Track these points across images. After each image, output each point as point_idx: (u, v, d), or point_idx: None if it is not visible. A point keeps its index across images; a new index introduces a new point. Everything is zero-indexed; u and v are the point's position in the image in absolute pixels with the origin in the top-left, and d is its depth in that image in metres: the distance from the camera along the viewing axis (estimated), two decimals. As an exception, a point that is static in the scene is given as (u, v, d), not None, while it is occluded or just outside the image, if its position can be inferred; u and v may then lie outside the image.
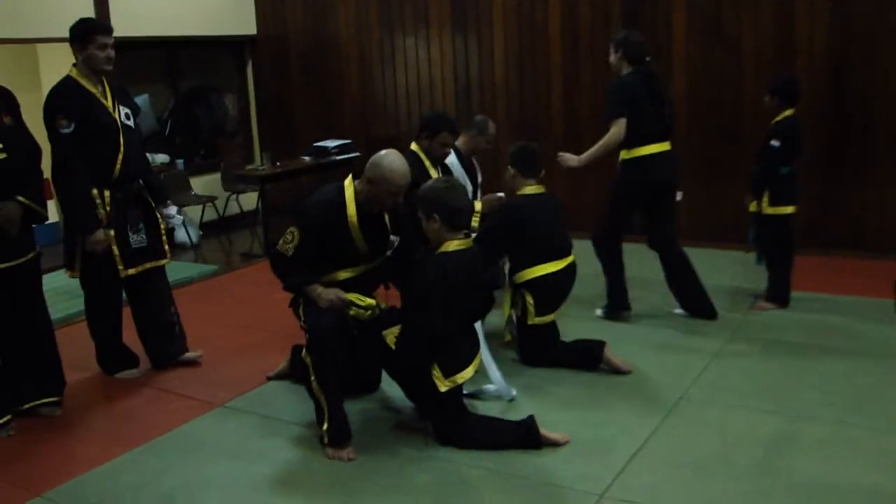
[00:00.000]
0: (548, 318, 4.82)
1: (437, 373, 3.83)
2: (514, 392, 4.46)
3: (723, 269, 6.63)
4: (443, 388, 3.84)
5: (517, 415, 4.07)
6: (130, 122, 4.84)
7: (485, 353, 4.32)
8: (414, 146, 5.21)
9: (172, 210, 5.17)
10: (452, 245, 3.84)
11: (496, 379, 4.45)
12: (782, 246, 5.65)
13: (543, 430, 3.90)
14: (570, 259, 4.87)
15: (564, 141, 7.87)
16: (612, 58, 5.36)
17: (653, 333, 5.39)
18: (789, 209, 5.57)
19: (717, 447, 3.86)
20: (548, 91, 8.14)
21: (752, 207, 5.64)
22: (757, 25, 7.14)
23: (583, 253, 5.22)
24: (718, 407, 4.30)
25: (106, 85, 4.76)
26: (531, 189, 4.86)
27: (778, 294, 5.75)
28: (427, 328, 3.77)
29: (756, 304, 5.83)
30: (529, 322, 4.79)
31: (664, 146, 5.34)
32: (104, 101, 4.70)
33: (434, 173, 5.10)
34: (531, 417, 3.94)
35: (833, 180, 6.94)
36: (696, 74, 7.44)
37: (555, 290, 4.84)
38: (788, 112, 5.48)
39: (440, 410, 3.95)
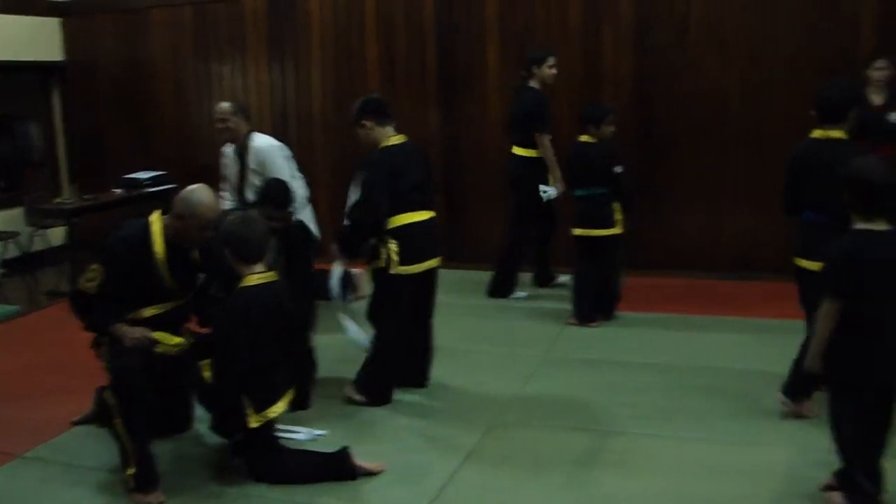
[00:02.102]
0: (412, 269, 4.60)
1: (248, 408, 3.76)
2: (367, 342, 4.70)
3: (548, 290, 6.86)
4: (254, 424, 3.77)
5: (331, 446, 4.03)
6: None
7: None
8: None
9: None
10: (253, 279, 3.79)
11: (352, 330, 4.64)
12: (579, 266, 5.98)
13: (358, 461, 3.89)
14: (433, 213, 4.76)
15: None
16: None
17: (468, 356, 5.47)
18: (586, 231, 5.90)
19: (530, 467, 3.95)
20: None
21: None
22: (567, 56, 7.41)
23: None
24: (532, 427, 4.41)
25: None
26: (395, 139, 4.70)
27: (579, 311, 6.01)
28: (234, 366, 3.70)
29: (568, 318, 6.09)
30: (392, 271, 4.58)
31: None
32: None
33: None
34: (345, 448, 3.92)
35: (641, 203, 7.23)
36: (509, 102, 7.63)
37: (421, 240, 4.66)
38: (584, 138, 5.91)
39: (252, 446, 3.88)
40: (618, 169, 5.86)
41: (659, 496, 3.66)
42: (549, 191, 6.46)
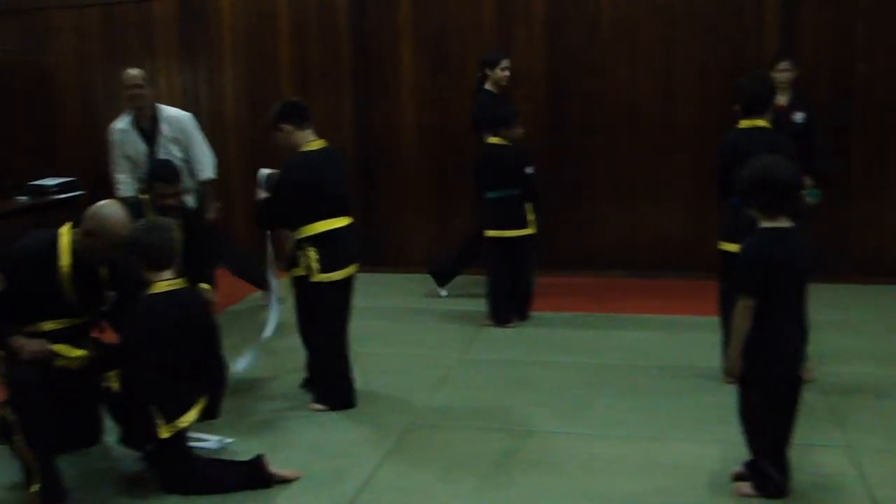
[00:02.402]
0: (333, 276, 4.54)
1: (158, 418, 3.67)
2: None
3: (465, 292, 6.86)
4: (165, 435, 3.68)
5: (246, 454, 3.97)
6: None
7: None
8: None
9: None
10: (162, 286, 3.70)
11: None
12: (493, 267, 6.01)
13: (273, 468, 3.83)
14: (351, 218, 4.70)
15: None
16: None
17: (384, 359, 5.44)
18: (500, 233, 5.93)
19: (446, 468, 3.95)
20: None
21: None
22: (480, 56, 7.44)
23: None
24: (448, 429, 4.41)
25: None
26: (315, 144, 4.62)
27: (495, 313, 6.04)
28: (142, 375, 3.61)
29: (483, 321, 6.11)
30: (313, 279, 4.52)
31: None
32: None
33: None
34: (259, 456, 3.86)
35: (555, 203, 7.31)
36: (424, 102, 7.66)
37: (341, 247, 4.60)
38: (494, 140, 5.94)
39: (163, 457, 3.78)
40: (529, 170, 5.93)
41: (575, 494, 3.68)
42: None
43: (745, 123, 4.63)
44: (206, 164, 6.17)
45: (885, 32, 6.82)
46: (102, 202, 3.85)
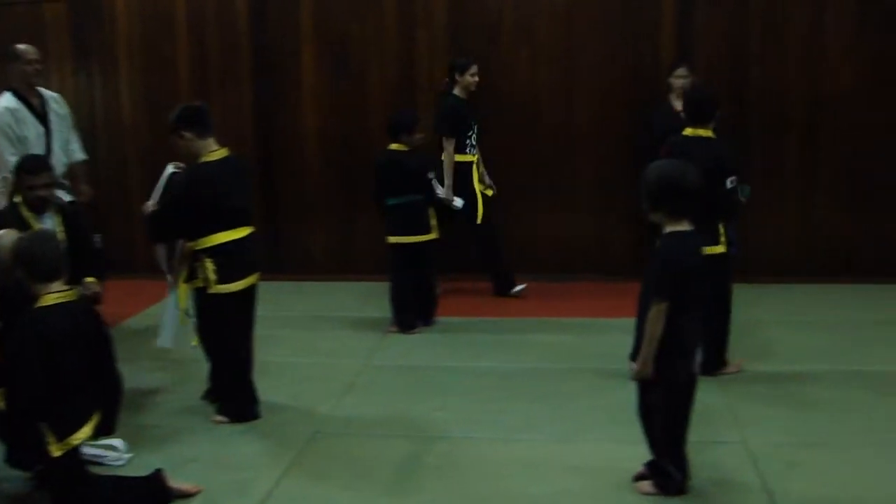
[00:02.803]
0: (231, 287, 4.46)
1: (48, 436, 3.52)
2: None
3: (369, 299, 6.79)
4: (56, 453, 3.53)
5: (144, 469, 3.85)
6: None
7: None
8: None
9: None
10: (51, 298, 3.56)
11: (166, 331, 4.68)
12: (397, 273, 5.99)
13: (173, 483, 3.73)
14: (251, 228, 4.61)
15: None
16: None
17: (289, 368, 5.36)
18: (403, 239, 5.91)
19: (351, 477, 3.91)
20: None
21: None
22: (382, 62, 7.44)
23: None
24: (353, 437, 4.37)
25: None
26: (216, 154, 4.49)
27: (399, 319, 6.03)
28: (29, 391, 3.46)
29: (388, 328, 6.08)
30: (211, 291, 4.44)
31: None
32: None
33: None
34: (158, 471, 3.75)
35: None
36: (326, 109, 7.59)
37: (239, 257, 4.51)
38: (395, 146, 5.94)
39: (56, 477, 3.64)
40: (431, 175, 5.94)
41: (481, 499, 3.69)
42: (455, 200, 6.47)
43: (688, 131, 4.87)
44: (79, 145, 6.24)
45: (778, 38, 7.05)
46: None
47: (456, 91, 6.67)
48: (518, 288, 6.85)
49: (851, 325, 6.01)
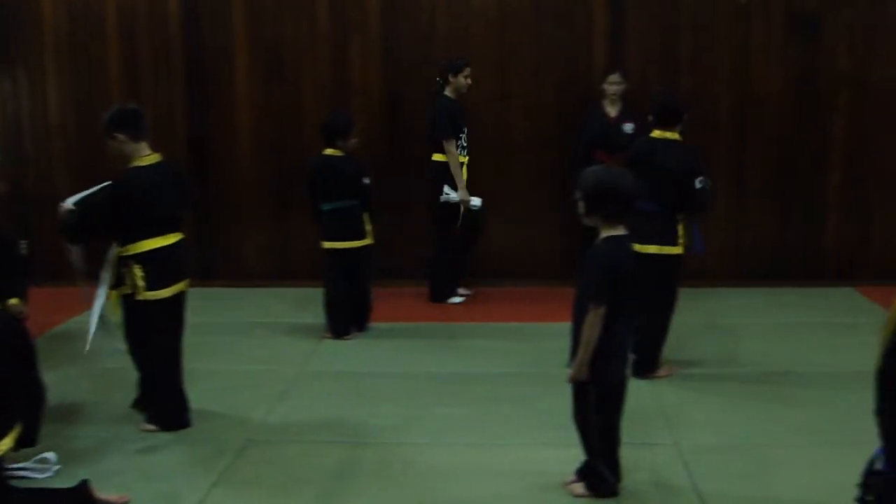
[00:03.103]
0: (159, 294, 4.38)
1: (-32, 449, 3.41)
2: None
3: (303, 305, 6.73)
4: (-23, 464, 3.43)
5: (71, 481, 3.75)
6: None
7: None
8: None
9: None
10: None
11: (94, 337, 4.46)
12: (331, 279, 5.95)
13: (100, 494, 3.64)
14: (181, 234, 4.54)
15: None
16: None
17: (221, 376, 5.29)
18: (338, 244, 5.89)
19: (283, 485, 3.87)
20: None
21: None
22: (316, 68, 7.39)
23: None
24: (286, 444, 4.33)
25: None
26: (149, 159, 4.41)
27: (333, 325, 5.99)
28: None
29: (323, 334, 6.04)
30: (139, 297, 4.36)
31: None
32: None
33: None
34: (84, 482, 3.65)
35: (392, 213, 7.28)
36: (259, 112, 7.52)
37: (168, 264, 4.44)
38: (330, 151, 5.89)
39: (-23, 488, 3.53)
40: (366, 180, 5.91)
41: (415, 502, 3.68)
42: (451, 194, 6.51)
43: (656, 134, 5.05)
44: None
45: (708, 46, 7.20)
46: None
47: (447, 92, 6.65)
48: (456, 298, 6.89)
49: (780, 328, 6.15)
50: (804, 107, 7.21)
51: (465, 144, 6.73)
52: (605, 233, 3.57)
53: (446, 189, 6.53)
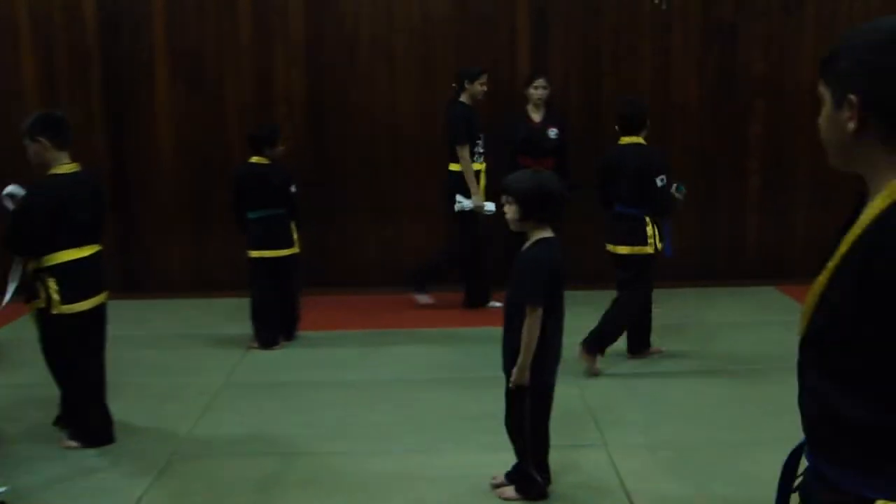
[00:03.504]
0: (75, 307, 4.25)
1: None
2: None
3: (229, 316, 6.61)
4: None
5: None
6: None
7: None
8: None
9: None
10: None
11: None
12: (257, 288, 5.88)
13: (19, 514, 3.54)
14: (99, 246, 4.42)
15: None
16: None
17: (146, 389, 5.19)
18: (265, 253, 5.81)
19: (210, 499, 3.81)
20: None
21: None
22: (238, 75, 7.30)
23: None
24: (212, 457, 4.26)
25: None
26: (68, 167, 4.29)
27: (260, 335, 5.92)
28: None
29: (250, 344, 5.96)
30: (54, 311, 4.22)
31: None
32: None
33: None
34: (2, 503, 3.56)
35: (318, 221, 7.21)
36: (180, 123, 7.39)
37: (84, 276, 4.32)
38: (256, 159, 5.84)
39: None
40: (293, 188, 5.87)
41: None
42: (464, 202, 6.46)
43: (624, 140, 5.33)
44: None
45: (630, 52, 7.32)
46: None
47: (463, 98, 6.60)
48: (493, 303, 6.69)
49: (707, 327, 6.28)
50: (722, 112, 7.40)
51: (481, 151, 6.70)
52: (536, 235, 3.60)
53: (458, 198, 6.50)
